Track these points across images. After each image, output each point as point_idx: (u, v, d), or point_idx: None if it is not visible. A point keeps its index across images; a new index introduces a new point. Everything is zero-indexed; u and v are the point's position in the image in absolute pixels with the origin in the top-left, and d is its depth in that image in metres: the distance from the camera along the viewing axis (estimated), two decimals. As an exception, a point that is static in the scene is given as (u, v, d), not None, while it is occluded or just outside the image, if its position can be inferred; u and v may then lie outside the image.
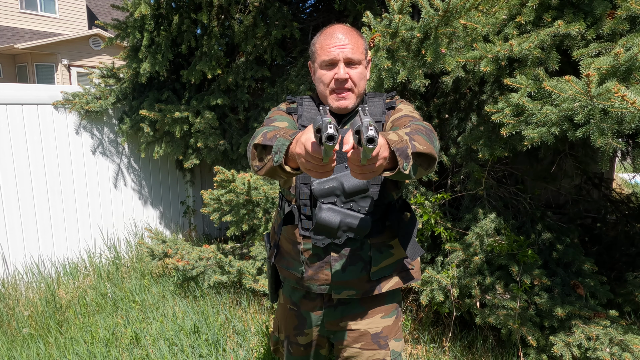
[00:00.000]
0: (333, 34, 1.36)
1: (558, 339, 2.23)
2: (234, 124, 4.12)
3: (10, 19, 14.80)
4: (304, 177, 1.36)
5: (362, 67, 1.38)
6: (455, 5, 1.90)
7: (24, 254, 3.83)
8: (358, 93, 1.37)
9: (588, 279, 2.52)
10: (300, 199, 1.39)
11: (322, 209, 1.30)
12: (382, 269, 1.42)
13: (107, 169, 4.37)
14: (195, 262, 3.32)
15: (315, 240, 1.35)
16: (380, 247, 1.41)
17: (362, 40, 1.40)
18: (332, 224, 1.30)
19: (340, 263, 1.38)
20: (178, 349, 2.81)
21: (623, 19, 1.66)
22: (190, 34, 3.79)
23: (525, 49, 1.77)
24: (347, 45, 1.34)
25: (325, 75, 1.36)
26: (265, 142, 1.22)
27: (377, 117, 1.41)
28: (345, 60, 1.34)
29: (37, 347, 2.90)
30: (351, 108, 1.38)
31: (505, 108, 1.82)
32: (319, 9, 4.27)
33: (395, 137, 1.13)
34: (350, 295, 1.41)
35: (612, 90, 1.41)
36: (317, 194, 1.31)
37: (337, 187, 1.31)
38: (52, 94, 3.94)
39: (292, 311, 1.56)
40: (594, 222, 3.63)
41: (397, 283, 1.47)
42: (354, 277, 1.39)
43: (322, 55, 1.36)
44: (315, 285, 1.43)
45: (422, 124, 1.33)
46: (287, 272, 1.50)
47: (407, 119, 1.36)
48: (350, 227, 1.32)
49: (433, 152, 1.18)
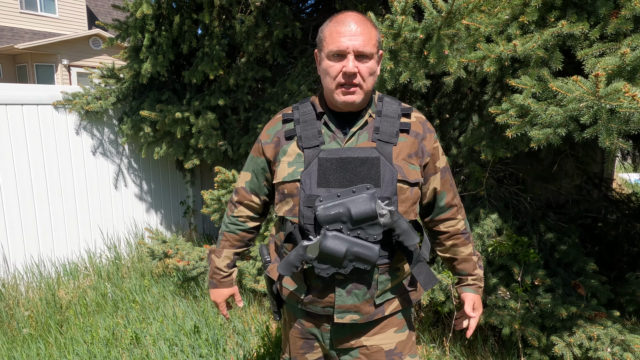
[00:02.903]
0: (344, 21, 1.23)
1: (559, 339, 2.23)
2: (234, 125, 4.12)
3: (10, 19, 14.78)
4: (308, 199, 1.26)
5: (372, 62, 1.25)
6: (458, 6, 1.90)
7: (24, 254, 3.83)
8: (366, 89, 1.26)
9: (589, 279, 2.52)
10: (304, 223, 1.28)
11: (327, 237, 1.20)
12: (386, 292, 1.36)
13: (108, 169, 4.36)
14: (196, 262, 3.31)
15: (319, 270, 1.24)
16: (389, 271, 1.33)
17: (376, 31, 1.28)
18: (337, 253, 1.20)
19: (345, 286, 1.30)
20: (178, 349, 2.81)
21: (627, 18, 1.66)
22: (191, 34, 3.79)
23: (528, 49, 1.77)
24: (358, 36, 1.21)
25: (332, 67, 1.24)
26: (211, 259, 1.58)
27: (390, 138, 1.29)
28: (356, 53, 1.22)
29: (37, 347, 2.89)
30: (358, 104, 1.28)
31: (510, 109, 1.81)
32: (319, 9, 4.27)
33: (480, 274, 1.51)
34: (354, 320, 1.33)
35: (621, 90, 1.41)
36: (321, 220, 1.21)
37: (344, 213, 1.20)
38: (52, 94, 3.93)
39: (296, 329, 1.47)
40: (595, 222, 3.63)
41: (397, 306, 1.39)
42: (358, 302, 1.31)
43: (331, 45, 1.23)
44: (319, 307, 1.35)
45: (454, 189, 1.44)
46: (289, 292, 1.40)
47: (447, 183, 1.40)
48: (358, 256, 1.22)
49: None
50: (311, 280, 1.33)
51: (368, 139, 1.29)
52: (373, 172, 1.24)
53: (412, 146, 1.31)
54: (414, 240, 1.24)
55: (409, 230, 1.23)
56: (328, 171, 1.25)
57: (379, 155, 1.26)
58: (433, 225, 1.47)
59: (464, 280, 1.51)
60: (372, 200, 1.19)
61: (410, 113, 1.34)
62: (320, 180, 1.25)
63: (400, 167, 1.27)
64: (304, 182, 1.26)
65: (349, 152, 1.26)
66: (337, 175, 1.25)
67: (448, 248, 1.48)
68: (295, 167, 1.30)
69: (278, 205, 1.37)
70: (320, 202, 1.22)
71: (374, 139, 1.28)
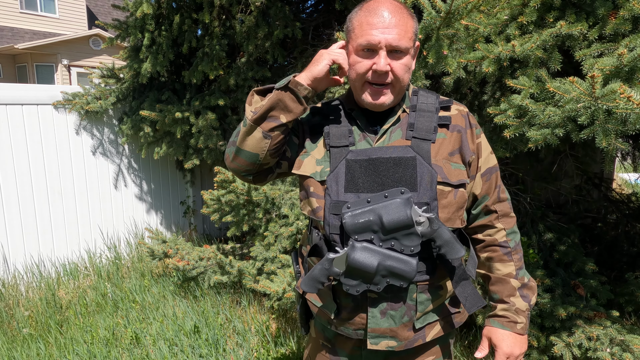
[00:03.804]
0: (377, 10, 1.07)
1: (558, 339, 2.23)
2: (234, 125, 4.12)
3: (10, 19, 14.78)
4: (335, 206, 1.11)
5: (408, 57, 1.10)
6: (457, 6, 1.90)
7: (24, 254, 3.83)
8: (399, 88, 1.12)
9: (588, 279, 2.52)
10: (329, 233, 1.13)
11: (356, 248, 1.04)
12: (427, 314, 1.18)
13: (107, 169, 4.37)
14: (196, 262, 3.31)
15: (348, 287, 1.08)
16: (430, 288, 1.15)
17: (413, 21, 1.11)
18: (368, 268, 1.04)
19: (379, 306, 1.13)
20: (178, 349, 2.81)
21: (625, 19, 1.66)
22: (191, 34, 3.79)
23: (527, 50, 1.77)
24: (393, 28, 1.05)
25: (360, 64, 1.09)
26: (265, 86, 1.17)
27: (427, 134, 1.14)
28: (388, 48, 1.06)
29: (37, 347, 2.90)
30: (388, 105, 1.14)
31: (508, 109, 1.81)
32: (320, 9, 4.27)
33: (519, 305, 1.18)
34: (390, 346, 1.15)
35: (617, 91, 1.40)
36: (349, 229, 1.05)
37: (375, 221, 1.04)
38: (52, 94, 3.94)
39: (324, 348, 1.30)
40: (594, 222, 3.63)
41: (439, 331, 1.21)
42: (394, 325, 1.13)
43: (360, 37, 1.08)
44: (350, 329, 1.18)
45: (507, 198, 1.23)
46: (318, 309, 1.24)
47: (491, 185, 1.19)
48: (392, 271, 1.05)
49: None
50: (341, 298, 1.17)
51: (402, 136, 1.14)
52: (408, 174, 1.09)
53: (454, 142, 1.15)
54: (458, 254, 1.07)
55: (453, 241, 1.06)
56: (357, 174, 1.11)
57: (415, 155, 1.10)
58: (471, 233, 1.26)
59: (493, 309, 1.24)
60: (407, 206, 1.04)
61: (450, 105, 1.19)
62: (348, 185, 1.11)
63: (441, 167, 1.11)
64: (330, 186, 1.13)
65: (380, 152, 1.12)
66: (367, 178, 1.11)
67: (483, 262, 1.25)
68: (323, 167, 1.17)
69: (303, 203, 1.23)
70: (348, 208, 1.07)
71: (408, 137, 1.13)
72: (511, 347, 1.18)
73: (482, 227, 1.23)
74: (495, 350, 1.20)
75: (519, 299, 1.19)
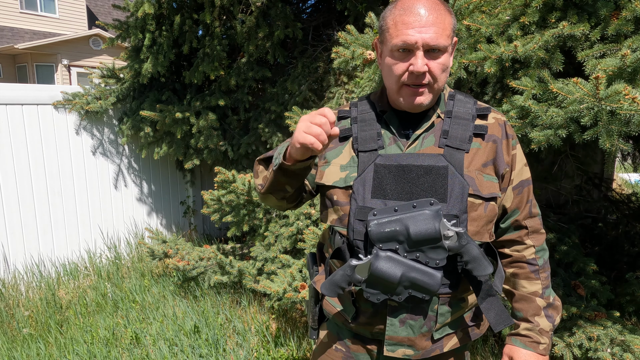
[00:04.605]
0: (413, 8, 1.02)
1: (559, 340, 2.23)
2: (234, 125, 4.12)
3: (10, 19, 14.77)
4: (361, 211, 1.09)
5: (446, 56, 1.05)
6: (459, 6, 1.90)
7: (24, 254, 3.83)
8: (437, 89, 1.08)
9: (589, 280, 2.52)
10: (353, 238, 1.12)
11: (380, 257, 1.03)
12: (446, 326, 1.16)
13: (108, 169, 4.36)
14: (196, 262, 3.31)
15: (368, 295, 1.06)
16: (451, 301, 1.13)
17: (451, 17, 1.06)
18: (391, 278, 1.02)
19: (398, 315, 1.11)
20: (178, 349, 2.81)
21: (628, 20, 1.66)
22: (192, 35, 3.79)
23: (529, 50, 1.77)
24: (430, 27, 1.01)
25: (396, 66, 1.05)
26: (266, 154, 1.21)
27: (462, 143, 1.10)
28: (426, 48, 1.02)
29: (37, 347, 2.89)
30: (426, 106, 1.10)
31: (510, 110, 1.81)
32: (320, 9, 4.28)
33: (544, 325, 1.14)
34: (407, 355, 1.14)
35: (621, 92, 1.40)
36: (374, 237, 1.03)
37: (401, 231, 1.02)
38: (52, 94, 3.93)
39: (339, 352, 1.26)
40: (595, 222, 3.63)
41: (456, 343, 1.18)
42: (412, 334, 1.12)
43: (395, 38, 1.04)
44: (368, 332, 1.18)
45: (539, 216, 1.18)
46: (334, 310, 1.22)
47: (523, 200, 1.15)
48: (415, 283, 1.03)
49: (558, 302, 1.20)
50: (360, 303, 1.15)
51: (434, 143, 1.10)
52: (439, 184, 1.06)
53: (489, 153, 1.11)
54: (485, 271, 1.04)
55: (480, 257, 1.03)
56: (385, 180, 1.08)
57: (447, 164, 1.07)
58: (498, 247, 1.22)
59: (515, 327, 1.19)
60: (436, 218, 1.01)
61: (488, 114, 1.14)
62: (376, 191, 1.08)
63: (473, 179, 1.07)
64: (357, 191, 1.10)
65: (411, 159, 1.08)
66: (396, 185, 1.07)
67: (508, 277, 1.22)
68: (349, 172, 1.13)
69: (324, 213, 1.20)
70: (374, 216, 1.04)
71: (441, 145, 1.10)
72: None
73: (511, 242, 1.20)
74: None
75: (543, 318, 1.16)
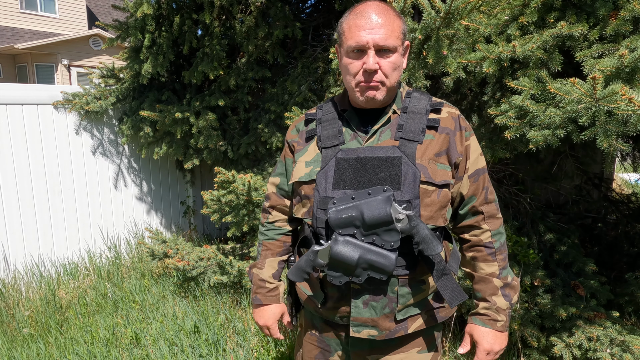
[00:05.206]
0: (364, 12, 1.14)
1: (558, 340, 2.23)
2: (234, 125, 4.12)
3: (10, 19, 14.78)
4: (322, 201, 1.19)
5: (396, 56, 1.16)
6: (457, 6, 1.90)
7: (24, 254, 3.83)
8: (390, 85, 1.17)
9: (588, 280, 2.52)
10: (317, 226, 1.22)
11: (338, 242, 1.11)
12: (409, 307, 1.22)
13: (107, 169, 4.37)
14: (196, 263, 3.32)
15: (331, 278, 1.15)
16: (411, 282, 1.20)
17: (400, 21, 1.17)
18: (349, 260, 1.11)
19: (361, 297, 1.19)
20: (178, 349, 2.81)
21: (626, 20, 1.66)
22: (191, 35, 3.79)
23: (528, 50, 1.77)
24: (379, 28, 1.12)
25: (352, 65, 1.16)
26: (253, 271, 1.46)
27: (415, 135, 1.19)
28: (377, 48, 1.13)
29: (37, 347, 2.90)
30: (381, 100, 1.19)
31: (509, 110, 1.81)
32: (320, 9, 4.27)
33: (500, 304, 1.22)
34: (371, 335, 1.21)
35: (619, 92, 1.40)
36: (332, 223, 1.12)
37: (357, 216, 1.11)
38: (52, 94, 3.94)
39: (313, 336, 1.38)
40: (594, 223, 3.63)
41: (422, 324, 1.25)
42: (375, 315, 1.20)
43: (350, 40, 1.15)
44: (336, 316, 1.26)
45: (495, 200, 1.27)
46: (305, 296, 1.33)
47: (478, 187, 1.23)
48: (372, 265, 1.11)
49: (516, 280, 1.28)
50: (328, 288, 1.25)
51: (391, 137, 1.20)
52: (393, 173, 1.15)
53: (442, 144, 1.20)
54: (435, 250, 1.12)
55: (430, 238, 1.12)
56: (345, 172, 1.18)
57: (401, 155, 1.16)
58: (458, 232, 1.33)
59: (475, 307, 1.29)
60: (387, 203, 1.10)
61: (441, 108, 1.23)
62: (337, 182, 1.18)
63: (425, 167, 1.16)
64: (319, 183, 1.20)
65: (368, 152, 1.18)
66: (355, 176, 1.17)
67: (468, 261, 1.31)
68: (313, 167, 1.24)
69: (296, 207, 1.31)
70: (334, 204, 1.14)
71: (396, 137, 1.19)
72: (491, 343, 1.24)
73: (469, 228, 1.29)
74: (477, 346, 1.26)
75: (500, 297, 1.24)
